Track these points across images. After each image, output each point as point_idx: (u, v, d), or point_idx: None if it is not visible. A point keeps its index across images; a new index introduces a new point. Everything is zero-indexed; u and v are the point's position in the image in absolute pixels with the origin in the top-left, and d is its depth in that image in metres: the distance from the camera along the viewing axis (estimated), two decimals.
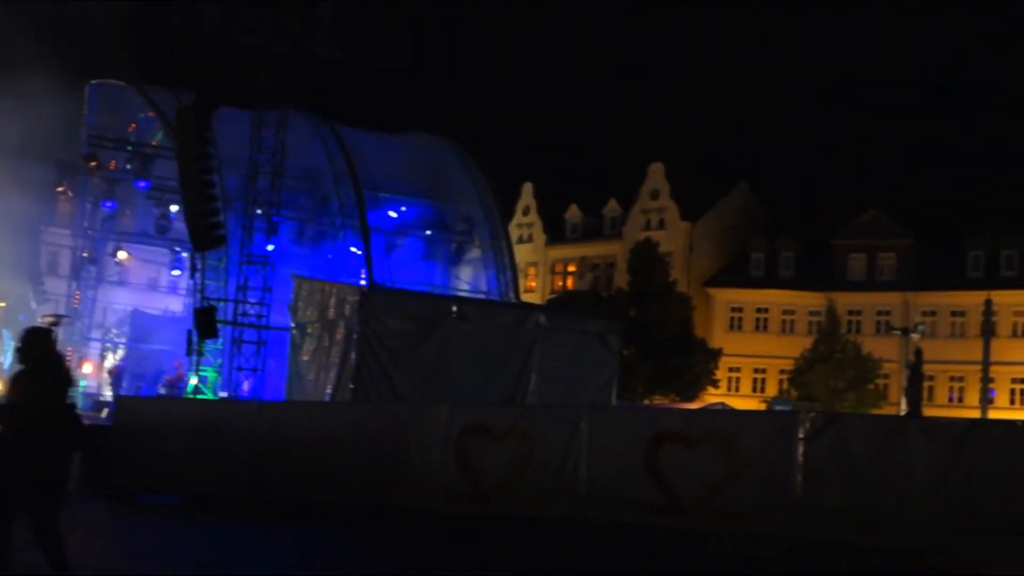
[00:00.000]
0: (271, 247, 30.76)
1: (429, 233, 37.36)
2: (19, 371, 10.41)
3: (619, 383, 30.24)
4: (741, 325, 67.02)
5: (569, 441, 17.31)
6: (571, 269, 74.27)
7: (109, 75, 37.40)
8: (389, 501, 18.96)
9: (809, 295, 65.19)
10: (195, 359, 30.00)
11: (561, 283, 73.83)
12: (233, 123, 31.28)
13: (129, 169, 36.05)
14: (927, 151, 74.84)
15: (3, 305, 41.85)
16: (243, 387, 29.42)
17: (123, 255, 38.18)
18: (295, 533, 18.29)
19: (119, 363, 37.32)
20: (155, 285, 41.18)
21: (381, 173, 36.17)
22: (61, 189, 42.65)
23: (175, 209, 34.67)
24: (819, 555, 15.35)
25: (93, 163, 36.08)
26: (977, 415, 45.37)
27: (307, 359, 27.88)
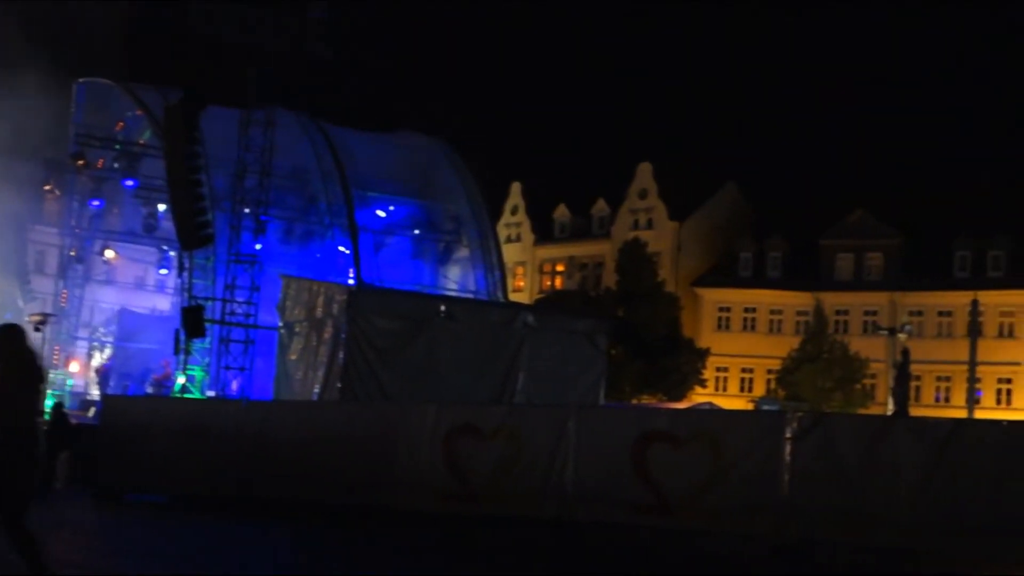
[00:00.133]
0: (259, 246, 30.72)
1: (417, 232, 37.33)
2: None
3: (607, 383, 30.27)
4: (729, 325, 67.07)
5: (557, 441, 17.32)
6: (559, 269, 74.23)
7: (97, 73, 37.30)
8: (377, 501, 18.96)
9: (797, 295, 65.27)
10: (182, 358, 29.96)
11: (549, 283, 73.79)
12: (221, 122, 31.22)
13: (117, 168, 35.96)
14: (915, 152, 74.94)
15: None
16: (232, 386, 29.37)
17: (110, 254, 38.04)
18: (282, 533, 18.27)
19: (106, 362, 37.20)
20: (142, 284, 41.03)
21: (370, 172, 36.13)
22: (48, 187, 42.44)
23: (163, 208, 34.56)
24: (806, 554, 15.39)
25: (81, 161, 35.96)
26: (964, 415, 45.46)
27: (295, 358, 27.85)
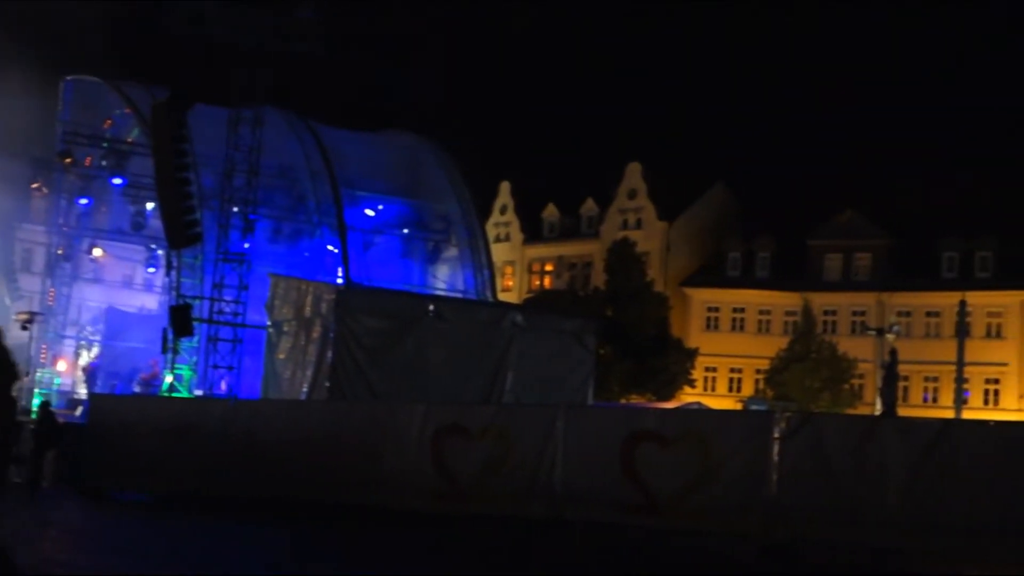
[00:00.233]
0: (247, 245, 30.64)
1: (406, 231, 37.26)
2: None
3: (595, 382, 30.27)
4: (717, 325, 67.15)
5: (545, 440, 17.32)
6: (548, 268, 74.23)
7: (85, 71, 37.17)
8: (365, 500, 18.94)
9: (785, 295, 65.36)
10: (170, 357, 29.87)
11: (538, 282, 73.77)
12: (209, 120, 31.14)
13: (104, 166, 35.82)
14: (903, 153, 75.14)
15: None
16: (221, 385, 29.30)
17: (98, 252, 37.91)
18: (270, 532, 18.24)
19: (93, 361, 37.08)
20: (130, 282, 40.87)
21: (358, 171, 36.06)
22: (36, 185, 42.26)
23: (151, 206, 34.44)
24: (794, 554, 15.42)
25: (68, 159, 35.82)
26: (951, 415, 45.56)
27: (283, 357, 27.80)
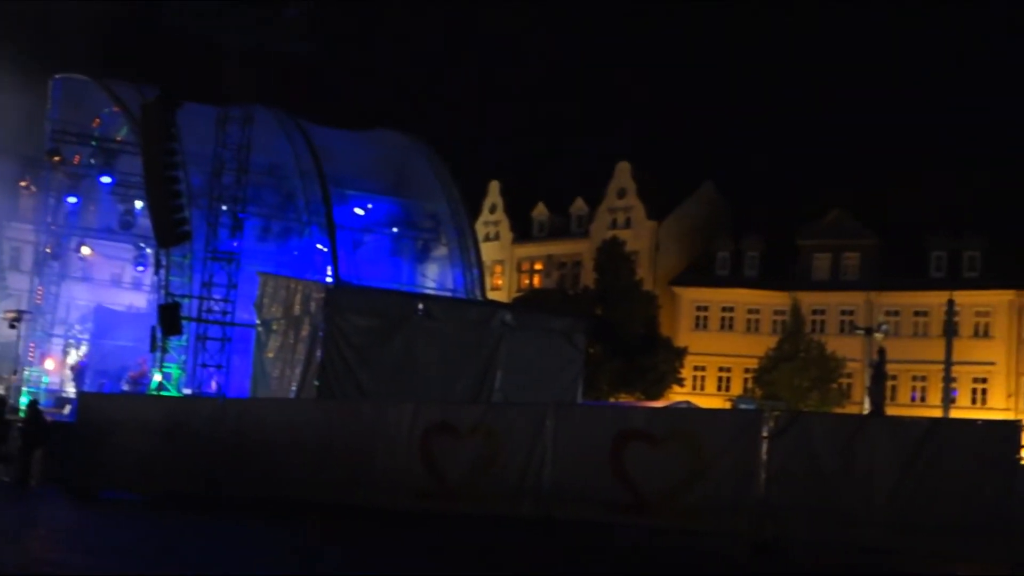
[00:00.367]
0: (236, 243, 30.59)
1: (395, 230, 37.22)
2: None
3: (585, 381, 30.30)
4: (706, 324, 67.21)
5: (534, 439, 17.34)
6: (537, 267, 74.24)
7: (74, 69, 37.08)
8: (354, 499, 18.94)
9: (774, 294, 65.47)
10: (159, 356, 29.82)
11: (527, 281, 73.77)
12: (198, 119, 31.06)
13: (93, 164, 35.73)
14: (891, 152, 75.33)
15: None
16: (211, 384, 29.24)
17: (86, 251, 37.83)
18: (259, 531, 18.21)
19: (82, 359, 36.99)
20: (119, 281, 40.77)
21: (348, 170, 36.01)
22: (24, 184, 42.11)
23: (139, 205, 34.37)
24: (782, 552, 15.45)
25: (57, 158, 35.73)
26: (939, 414, 45.70)
27: (272, 356, 27.77)
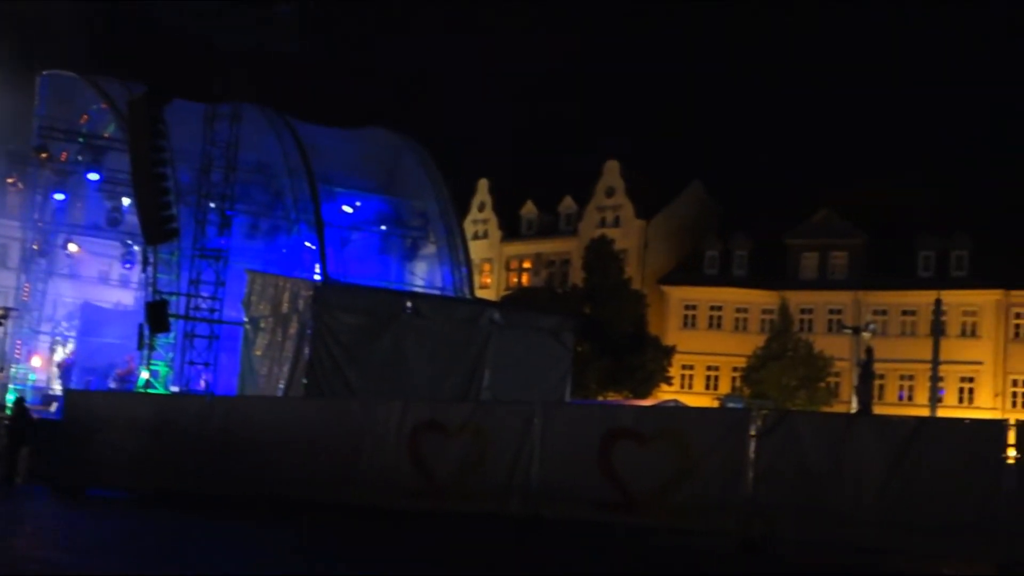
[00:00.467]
0: (224, 241, 30.51)
1: (384, 228, 37.17)
2: None
3: (573, 380, 30.29)
4: (695, 323, 67.30)
5: (522, 438, 17.34)
6: (526, 266, 74.24)
7: (61, 66, 36.96)
8: (342, 497, 18.90)
9: (762, 293, 65.59)
10: (146, 353, 29.73)
11: (516, 280, 73.77)
12: (186, 116, 30.95)
13: (80, 161, 35.60)
14: (879, 152, 75.55)
15: None
16: (200, 382, 29.16)
17: (74, 248, 37.72)
18: (246, 529, 18.17)
19: (69, 357, 36.88)
20: (106, 278, 40.63)
21: (336, 167, 35.95)
22: (11, 180, 41.90)
23: (127, 202, 34.26)
24: (770, 551, 15.46)
25: (44, 154, 35.60)
26: (926, 413, 45.81)
27: (260, 354, 27.71)
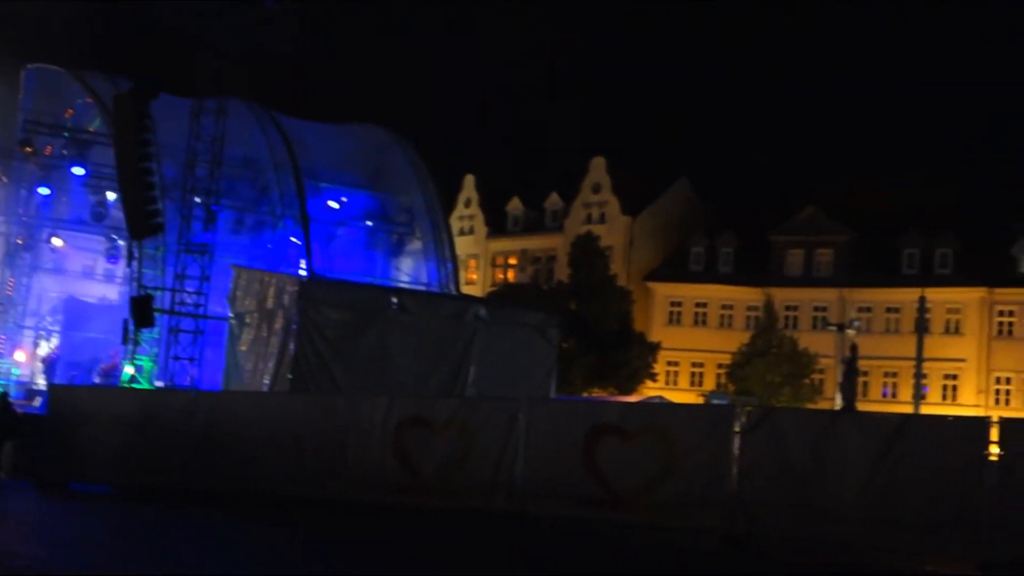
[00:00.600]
0: (210, 236, 30.46)
1: (370, 224, 37.17)
2: None
3: (558, 376, 30.33)
4: (680, 319, 67.37)
5: (507, 434, 17.35)
6: (512, 262, 74.22)
7: (47, 60, 36.84)
8: (327, 493, 18.90)
9: (747, 290, 65.70)
10: (131, 348, 29.68)
11: (502, 276, 73.75)
12: (172, 110, 30.91)
13: (66, 155, 35.52)
14: (865, 150, 75.82)
15: None
16: (187, 377, 29.10)
17: (58, 242, 37.63)
18: (230, 525, 18.15)
19: (53, 351, 36.80)
20: (91, 273, 40.52)
21: (322, 163, 35.94)
22: None
23: (112, 196, 34.20)
24: (754, 548, 15.51)
25: (29, 148, 35.51)
26: (910, 411, 45.97)
27: (245, 349, 27.67)
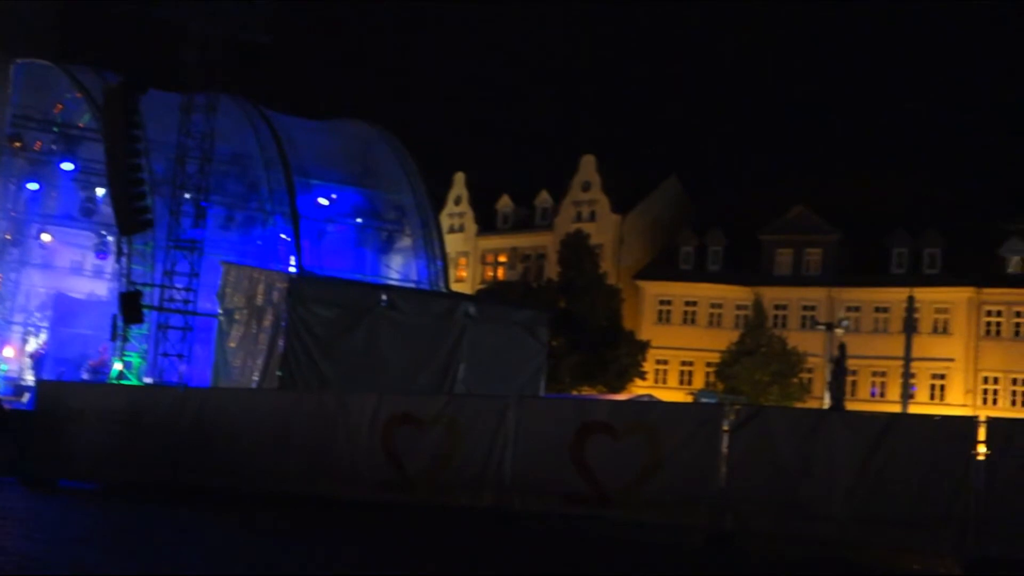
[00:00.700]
0: (199, 232, 30.41)
1: (360, 221, 37.13)
2: None
3: (547, 374, 30.38)
4: (669, 318, 67.48)
5: (496, 431, 17.38)
6: (502, 259, 74.27)
7: (36, 55, 36.71)
8: (315, 490, 18.91)
9: (736, 289, 65.83)
10: (120, 344, 29.62)
11: (491, 273, 73.78)
12: (162, 106, 30.84)
13: (55, 150, 35.40)
14: (854, 150, 76.04)
15: None
16: (176, 374, 29.04)
17: (47, 237, 37.49)
18: (218, 522, 18.14)
19: (41, 347, 36.67)
20: (80, 269, 40.35)
21: (312, 159, 35.87)
22: None
23: (101, 192, 34.11)
24: (741, 545, 15.56)
25: (17, 143, 35.38)
26: (898, 409, 46.11)
27: (234, 346, 27.66)
